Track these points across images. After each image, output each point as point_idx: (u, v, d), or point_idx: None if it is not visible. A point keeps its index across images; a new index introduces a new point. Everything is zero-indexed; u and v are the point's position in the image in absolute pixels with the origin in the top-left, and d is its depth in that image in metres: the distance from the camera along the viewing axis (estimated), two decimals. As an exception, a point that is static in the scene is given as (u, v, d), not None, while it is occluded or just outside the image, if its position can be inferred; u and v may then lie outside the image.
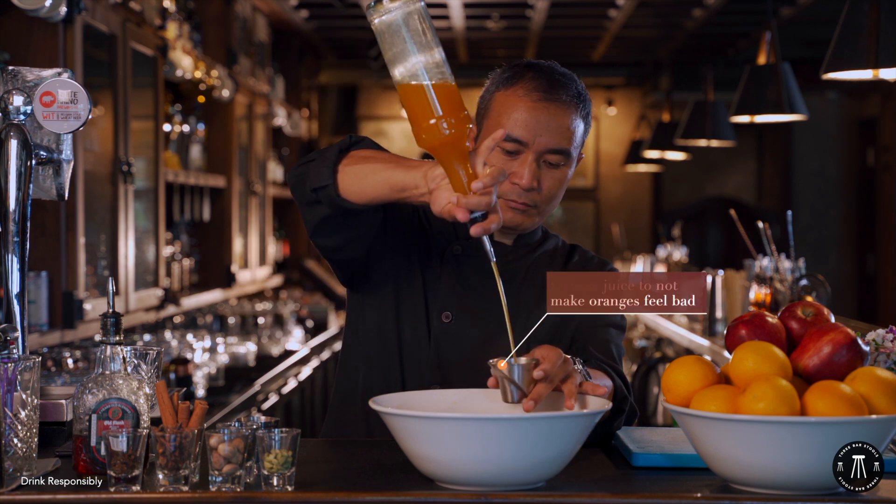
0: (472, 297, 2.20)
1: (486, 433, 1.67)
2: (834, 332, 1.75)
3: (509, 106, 2.15)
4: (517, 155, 2.15)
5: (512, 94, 2.16)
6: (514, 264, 2.26)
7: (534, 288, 2.24)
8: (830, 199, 10.73)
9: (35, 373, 1.80)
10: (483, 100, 2.23)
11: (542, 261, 2.28)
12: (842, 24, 3.35)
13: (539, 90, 2.15)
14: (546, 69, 2.20)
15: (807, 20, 7.68)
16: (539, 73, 2.17)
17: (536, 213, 2.20)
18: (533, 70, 2.19)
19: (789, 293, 3.79)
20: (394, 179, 1.91)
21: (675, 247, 6.92)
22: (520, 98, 2.15)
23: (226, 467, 1.70)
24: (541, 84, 2.16)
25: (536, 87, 2.15)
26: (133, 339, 4.53)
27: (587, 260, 2.33)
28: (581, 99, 2.19)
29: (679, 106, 8.73)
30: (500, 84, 2.19)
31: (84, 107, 2.14)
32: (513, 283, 2.23)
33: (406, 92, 1.85)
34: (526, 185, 2.14)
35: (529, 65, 2.21)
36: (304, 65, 8.78)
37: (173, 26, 4.86)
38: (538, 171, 2.15)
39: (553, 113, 2.15)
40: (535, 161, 2.15)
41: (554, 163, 2.16)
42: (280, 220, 8.17)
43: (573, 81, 2.20)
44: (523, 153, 2.15)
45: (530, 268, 2.27)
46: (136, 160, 4.35)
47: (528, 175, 2.14)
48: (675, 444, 1.95)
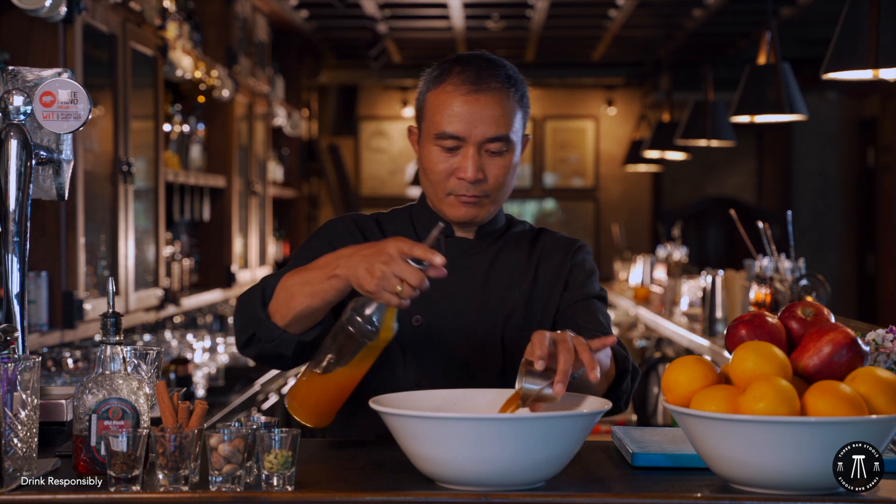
0: (439, 299, 2.19)
1: (486, 433, 1.67)
2: (834, 332, 1.75)
3: (441, 103, 2.17)
4: (457, 150, 2.16)
5: (442, 92, 2.17)
6: (479, 256, 2.27)
7: (503, 276, 2.26)
8: (830, 199, 10.73)
9: (35, 373, 1.80)
10: (418, 101, 2.25)
11: (508, 247, 2.29)
12: (842, 24, 3.35)
13: (468, 82, 2.16)
14: (473, 60, 2.20)
15: (807, 20, 7.68)
16: (466, 66, 2.18)
17: (489, 202, 2.21)
18: (460, 63, 2.19)
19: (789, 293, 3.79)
20: (312, 287, 1.98)
21: (675, 247, 6.92)
22: (450, 94, 2.16)
23: (226, 467, 1.70)
24: (469, 76, 2.17)
25: (464, 79, 2.16)
26: (133, 339, 4.54)
27: (556, 241, 2.33)
28: (512, 82, 2.20)
29: (679, 106, 8.73)
30: (430, 83, 2.20)
31: (84, 107, 2.14)
32: (480, 274, 2.25)
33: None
34: (471, 179, 2.15)
35: (457, 58, 2.22)
36: (304, 65, 8.78)
37: (173, 26, 4.86)
38: (481, 161, 2.16)
39: (485, 102, 2.16)
40: (476, 153, 2.16)
41: (496, 150, 2.17)
42: (280, 220, 8.17)
43: (502, 67, 2.21)
44: (463, 147, 2.16)
45: (496, 256, 2.28)
46: (136, 160, 4.35)
47: (472, 168, 2.15)
48: (675, 444, 1.95)
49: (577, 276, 2.28)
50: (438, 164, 2.17)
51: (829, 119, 10.59)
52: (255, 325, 2.05)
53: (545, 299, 2.26)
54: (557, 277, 2.27)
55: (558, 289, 2.26)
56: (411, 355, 2.19)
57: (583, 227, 10.95)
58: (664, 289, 6.13)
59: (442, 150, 2.16)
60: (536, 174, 10.99)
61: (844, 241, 10.68)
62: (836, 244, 10.67)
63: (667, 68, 9.57)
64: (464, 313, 2.22)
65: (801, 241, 4.74)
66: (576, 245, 2.32)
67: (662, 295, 6.16)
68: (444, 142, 2.16)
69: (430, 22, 8.21)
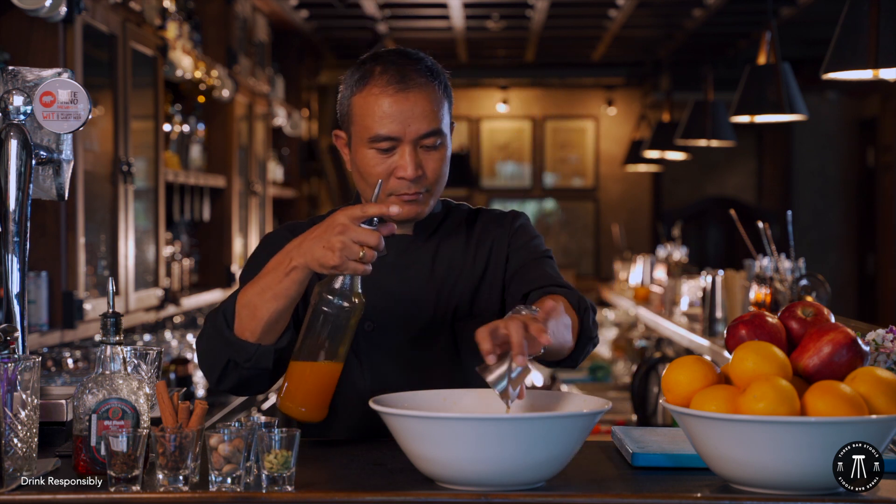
0: (387, 301, 2.20)
1: (485, 433, 1.67)
2: (834, 332, 1.75)
3: (370, 106, 2.15)
4: (393, 150, 2.15)
5: (368, 94, 2.16)
6: (421, 250, 2.26)
7: (446, 266, 2.26)
8: (830, 198, 10.73)
9: (35, 373, 1.80)
10: (342, 105, 2.23)
11: (447, 236, 2.29)
12: (842, 24, 3.35)
13: (393, 82, 2.15)
14: (392, 58, 2.19)
15: (807, 20, 7.68)
16: (387, 65, 2.17)
17: (429, 196, 2.21)
18: (379, 63, 2.18)
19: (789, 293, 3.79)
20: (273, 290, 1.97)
21: (675, 247, 6.92)
22: (377, 96, 2.15)
23: (226, 467, 1.70)
24: (393, 75, 2.15)
25: (389, 79, 2.15)
26: (133, 339, 4.54)
27: (491, 217, 2.33)
28: (434, 74, 2.20)
29: (679, 106, 8.72)
30: (353, 87, 2.19)
31: (84, 107, 2.14)
32: (425, 266, 2.25)
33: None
34: (412, 177, 2.15)
35: (374, 58, 2.20)
36: (304, 65, 8.78)
37: (173, 26, 4.86)
38: (418, 158, 2.16)
39: (414, 99, 2.15)
40: (413, 150, 2.15)
41: (431, 145, 2.17)
42: (280, 220, 8.17)
43: (421, 60, 2.20)
44: (399, 146, 2.15)
45: (437, 248, 2.28)
46: (136, 160, 4.35)
47: (412, 166, 2.15)
48: (675, 444, 1.95)
49: (518, 242, 2.28)
50: (376, 166, 2.15)
51: (829, 119, 10.59)
52: (227, 352, 2.03)
53: (492, 277, 2.26)
54: (499, 251, 2.27)
55: (502, 261, 2.26)
56: (367, 362, 2.19)
57: (583, 227, 10.95)
58: (664, 289, 6.13)
59: (378, 153, 2.15)
60: (536, 174, 10.99)
61: (844, 241, 10.68)
62: (836, 244, 10.67)
63: (667, 68, 9.57)
64: (413, 312, 2.21)
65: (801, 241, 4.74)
66: (511, 215, 2.33)
67: (662, 295, 6.16)
68: (380, 144, 2.14)
69: (430, 22, 8.21)
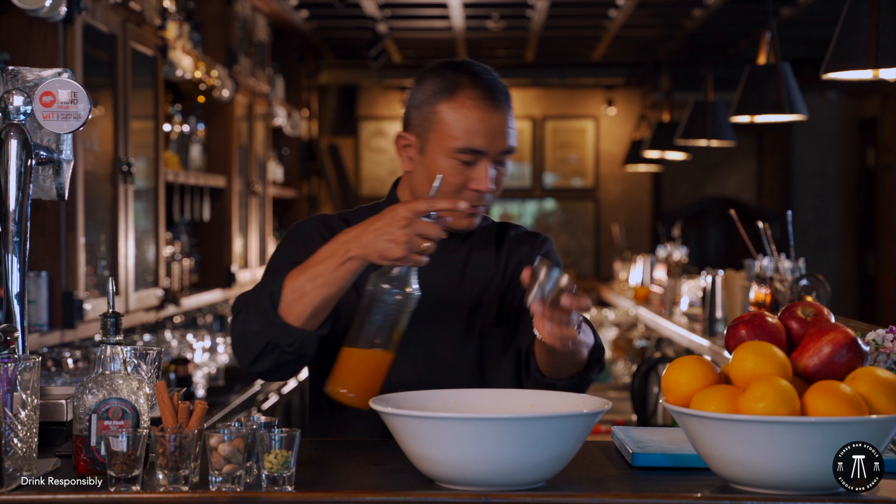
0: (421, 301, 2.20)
1: (485, 433, 1.67)
2: (834, 332, 1.75)
3: (460, 118, 2.18)
4: (474, 163, 2.19)
5: (459, 106, 2.18)
6: (454, 254, 2.30)
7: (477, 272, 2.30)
8: (830, 198, 10.73)
9: (35, 373, 1.80)
10: (420, 111, 2.23)
11: (478, 243, 2.33)
12: (842, 24, 3.35)
13: (483, 97, 2.18)
14: (478, 71, 2.22)
15: (807, 20, 7.68)
16: (475, 78, 2.20)
17: (485, 210, 2.27)
18: (466, 75, 2.21)
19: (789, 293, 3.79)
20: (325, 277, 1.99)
21: (675, 247, 6.92)
22: (469, 108, 2.18)
23: (226, 467, 1.70)
24: (482, 89, 2.19)
25: (480, 93, 2.19)
26: (133, 339, 4.53)
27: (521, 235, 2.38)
28: (508, 92, 2.25)
29: (679, 106, 8.72)
30: (441, 95, 2.20)
31: (84, 107, 2.14)
32: (457, 270, 2.28)
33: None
34: (487, 191, 2.19)
35: (460, 68, 2.23)
36: (304, 65, 8.78)
37: (173, 26, 4.86)
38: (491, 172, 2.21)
39: (501, 117, 2.20)
40: (491, 165, 2.19)
41: (502, 162, 2.22)
42: (280, 220, 8.17)
43: (498, 77, 2.25)
44: (481, 160, 2.18)
45: (470, 253, 2.32)
46: (136, 160, 4.35)
47: (490, 181, 2.19)
48: (675, 444, 1.95)
49: None
50: (454, 176, 2.18)
51: (829, 119, 10.58)
52: (269, 334, 2.03)
53: (514, 292, 2.29)
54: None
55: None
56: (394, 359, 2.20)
57: (583, 228, 10.95)
58: (664, 289, 6.13)
59: (459, 164, 2.18)
60: (536, 174, 10.98)
61: (844, 241, 10.67)
62: (836, 244, 10.67)
63: (667, 68, 9.56)
64: (443, 314, 2.24)
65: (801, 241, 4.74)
66: (541, 238, 2.38)
67: (662, 295, 6.15)
68: (464, 156, 2.17)
69: (430, 22, 8.21)
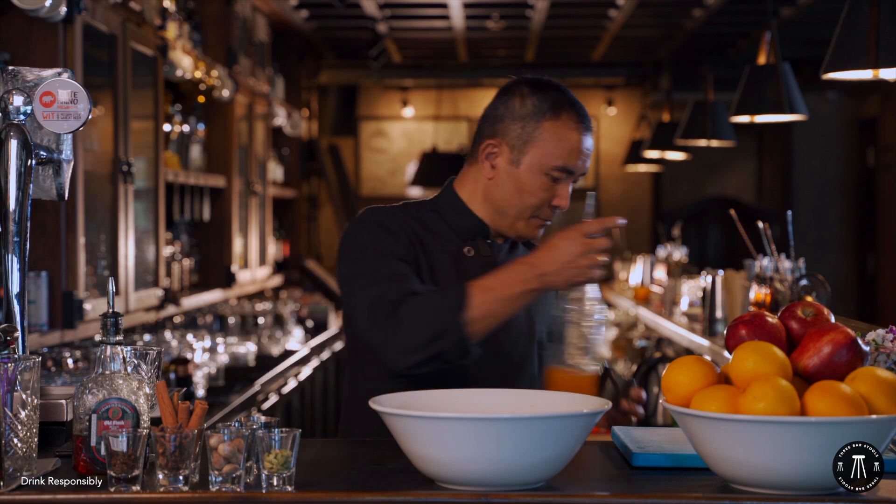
0: None
1: (486, 433, 1.67)
2: (834, 332, 1.75)
3: (562, 138, 2.28)
4: (559, 181, 2.29)
5: (563, 126, 2.28)
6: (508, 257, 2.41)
7: None
8: (830, 198, 10.73)
9: (35, 373, 1.80)
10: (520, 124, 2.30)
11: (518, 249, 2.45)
12: (842, 24, 3.34)
13: (582, 119, 2.30)
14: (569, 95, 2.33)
15: (807, 20, 7.67)
16: (572, 101, 2.31)
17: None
18: (565, 95, 2.31)
19: (789, 293, 3.79)
20: (514, 304, 2.17)
21: (675, 247, 6.92)
22: (571, 130, 2.28)
23: (226, 467, 1.70)
24: (580, 112, 2.30)
25: (579, 116, 2.30)
26: (133, 339, 4.53)
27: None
28: None
29: (679, 106, 8.72)
30: (546, 112, 2.28)
31: (84, 107, 2.14)
32: None
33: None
34: (565, 208, 2.32)
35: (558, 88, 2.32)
36: (304, 65, 8.78)
37: (173, 26, 4.85)
38: None
39: (589, 140, 2.32)
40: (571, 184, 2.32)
41: (577, 181, 2.34)
42: (280, 220, 8.17)
43: None
44: (566, 179, 2.30)
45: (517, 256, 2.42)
46: (136, 160, 4.35)
47: (568, 199, 2.32)
48: (675, 444, 1.95)
49: None
50: (543, 191, 2.29)
51: (829, 119, 10.58)
52: (449, 337, 2.12)
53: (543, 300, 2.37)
54: None
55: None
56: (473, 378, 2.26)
57: (583, 227, 10.92)
58: (664, 289, 6.13)
59: (549, 180, 2.29)
60: (536, 174, 10.98)
61: (844, 241, 10.67)
62: (836, 244, 10.67)
63: (667, 68, 9.56)
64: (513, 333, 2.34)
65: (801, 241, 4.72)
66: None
67: (662, 295, 6.16)
68: (557, 173, 2.28)
69: (430, 22, 8.21)
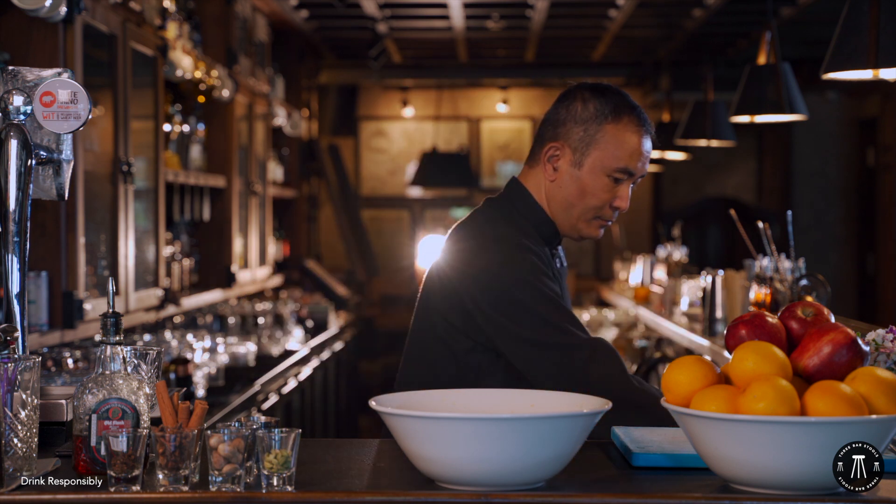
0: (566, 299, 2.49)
1: (486, 433, 1.67)
2: (834, 332, 1.75)
3: (626, 141, 2.34)
4: (621, 182, 2.36)
5: (626, 130, 2.34)
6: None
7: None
8: (830, 199, 10.73)
9: (35, 373, 1.80)
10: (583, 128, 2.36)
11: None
12: (842, 24, 3.34)
13: (643, 123, 2.36)
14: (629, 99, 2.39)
15: (807, 20, 7.67)
16: (633, 105, 2.38)
17: None
18: (626, 99, 2.38)
19: (789, 293, 3.79)
20: None
21: (675, 247, 6.92)
22: (634, 133, 2.35)
23: (226, 467, 1.70)
24: (641, 116, 2.37)
25: (640, 119, 2.36)
26: (133, 339, 4.53)
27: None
28: None
29: (679, 106, 8.72)
30: (609, 115, 2.35)
31: (84, 107, 2.14)
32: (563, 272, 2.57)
33: None
34: (626, 209, 2.38)
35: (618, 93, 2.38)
36: (304, 65, 8.78)
37: (173, 26, 4.85)
38: None
39: (649, 143, 2.38)
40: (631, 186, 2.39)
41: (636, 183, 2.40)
42: (280, 220, 8.17)
43: None
44: (627, 181, 2.36)
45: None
46: (136, 160, 4.35)
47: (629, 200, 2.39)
48: (675, 444, 1.95)
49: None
50: (605, 192, 2.36)
51: (829, 119, 10.58)
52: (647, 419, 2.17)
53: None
54: None
55: None
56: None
57: (583, 227, 10.93)
58: (664, 289, 6.13)
59: (611, 182, 2.35)
60: (536, 174, 10.98)
61: (844, 241, 10.67)
62: (837, 244, 10.67)
63: (667, 68, 9.56)
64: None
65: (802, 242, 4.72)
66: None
67: (662, 295, 6.15)
68: (620, 175, 2.35)
69: (430, 22, 8.21)
